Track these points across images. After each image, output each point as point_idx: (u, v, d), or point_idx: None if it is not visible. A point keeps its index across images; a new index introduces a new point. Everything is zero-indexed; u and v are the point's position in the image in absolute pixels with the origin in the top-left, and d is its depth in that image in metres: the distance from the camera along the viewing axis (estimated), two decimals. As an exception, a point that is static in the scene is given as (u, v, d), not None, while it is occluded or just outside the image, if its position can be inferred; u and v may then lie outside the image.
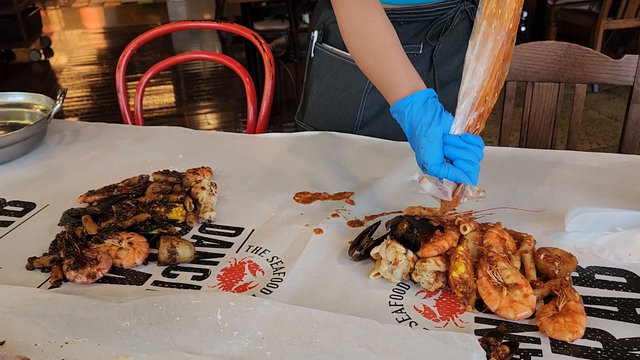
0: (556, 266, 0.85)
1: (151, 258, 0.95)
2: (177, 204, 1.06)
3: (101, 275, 0.90)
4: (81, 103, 4.69)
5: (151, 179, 1.17)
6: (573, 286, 0.83)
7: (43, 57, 5.92)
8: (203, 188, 1.09)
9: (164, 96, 4.81)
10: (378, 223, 0.99)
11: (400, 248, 0.86)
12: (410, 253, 0.87)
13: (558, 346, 0.75)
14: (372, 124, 1.38)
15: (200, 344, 0.75)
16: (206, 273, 0.92)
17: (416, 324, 0.79)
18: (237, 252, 0.96)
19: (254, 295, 0.85)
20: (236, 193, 1.15)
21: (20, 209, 1.12)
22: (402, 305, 0.83)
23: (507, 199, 1.07)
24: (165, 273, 0.92)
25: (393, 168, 1.20)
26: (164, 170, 1.19)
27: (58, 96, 1.38)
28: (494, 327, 0.78)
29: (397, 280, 0.87)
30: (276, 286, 0.87)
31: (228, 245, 0.99)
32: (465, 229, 0.90)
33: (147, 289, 0.88)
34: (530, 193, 1.10)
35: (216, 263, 0.94)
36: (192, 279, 0.90)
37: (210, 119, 4.34)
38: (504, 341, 0.75)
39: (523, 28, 5.35)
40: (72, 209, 1.06)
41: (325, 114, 1.41)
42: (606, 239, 0.94)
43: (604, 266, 0.90)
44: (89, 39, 6.84)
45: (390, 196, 1.11)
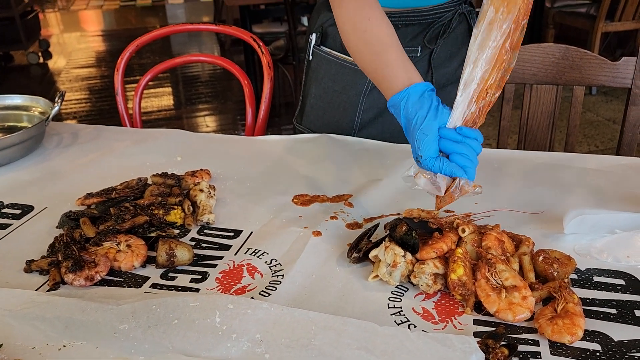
0: (555, 268, 0.85)
1: (149, 261, 0.95)
2: (176, 207, 1.06)
3: (99, 278, 0.90)
4: (79, 106, 4.69)
5: (149, 182, 1.17)
6: (572, 288, 0.83)
7: (41, 60, 5.92)
8: (201, 190, 1.09)
9: (163, 99, 4.81)
10: (377, 225, 0.99)
11: (398, 250, 0.86)
12: (408, 255, 0.86)
13: (557, 348, 0.75)
14: (371, 127, 1.38)
15: (198, 347, 0.75)
16: (204, 276, 0.91)
17: (415, 326, 0.79)
18: (236, 255, 0.96)
19: (253, 297, 0.85)
20: (235, 195, 1.15)
21: (18, 212, 1.12)
22: (401, 307, 0.83)
23: (506, 201, 1.07)
24: (163, 276, 0.92)
25: (391, 170, 1.20)
26: (163, 172, 1.19)
27: (56, 99, 1.38)
28: (493, 330, 0.78)
29: (396, 282, 0.87)
30: (275, 289, 0.87)
31: (226, 247, 0.98)
32: (463, 231, 0.90)
33: (146, 292, 0.88)
34: (528, 195, 1.10)
35: (215, 266, 0.94)
36: (191, 282, 0.90)
37: (208, 122, 4.34)
38: (503, 343, 0.75)
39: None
40: (71, 212, 1.06)
41: (323, 117, 1.41)
42: (605, 241, 0.94)
43: (603, 268, 0.90)
44: (88, 42, 6.84)
45: (388, 198, 1.11)
